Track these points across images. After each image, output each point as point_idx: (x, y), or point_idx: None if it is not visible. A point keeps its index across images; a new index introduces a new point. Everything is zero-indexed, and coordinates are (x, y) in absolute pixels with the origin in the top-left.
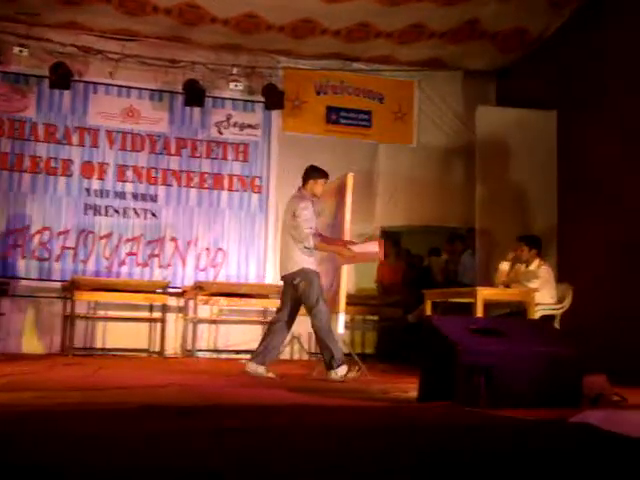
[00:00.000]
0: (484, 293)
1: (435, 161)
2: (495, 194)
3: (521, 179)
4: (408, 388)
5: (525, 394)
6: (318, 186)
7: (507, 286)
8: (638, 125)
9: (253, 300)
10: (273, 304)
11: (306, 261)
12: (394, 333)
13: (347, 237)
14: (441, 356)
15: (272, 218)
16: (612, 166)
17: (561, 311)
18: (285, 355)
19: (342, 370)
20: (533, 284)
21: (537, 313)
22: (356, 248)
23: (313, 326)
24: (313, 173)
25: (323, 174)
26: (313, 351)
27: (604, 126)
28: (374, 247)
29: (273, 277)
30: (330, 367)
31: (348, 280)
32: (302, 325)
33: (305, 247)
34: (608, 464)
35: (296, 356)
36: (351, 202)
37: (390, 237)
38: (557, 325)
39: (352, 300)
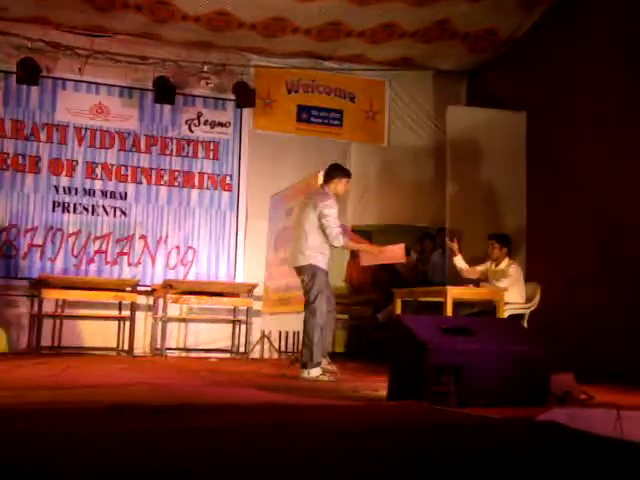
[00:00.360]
0: (453, 292)
1: (406, 160)
2: (465, 193)
3: (491, 179)
4: (378, 387)
5: (494, 392)
6: (341, 185)
7: (477, 285)
8: (607, 126)
9: (223, 299)
10: (243, 303)
11: (316, 258)
12: (364, 332)
13: None
14: (411, 355)
15: (242, 216)
16: (581, 167)
17: (530, 310)
18: (255, 354)
19: (315, 372)
20: (502, 283)
21: (506, 312)
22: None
23: (305, 321)
24: (337, 172)
25: (346, 173)
26: (283, 349)
27: (573, 127)
28: (399, 249)
29: (243, 275)
30: (304, 366)
31: None
32: (272, 323)
33: (334, 245)
34: (574, 462)
35: (266, 355)
36: None
37: (360, 236)
38: (526, 324)
39: None
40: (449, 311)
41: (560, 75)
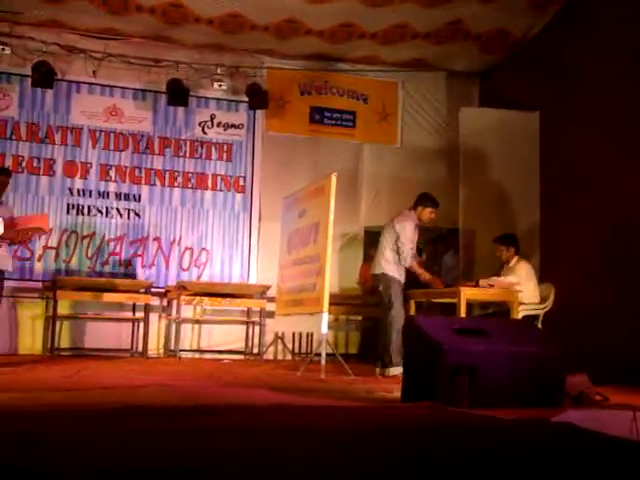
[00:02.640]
0: (467, 293)
1: (419, 161)
2: (478, 194)
3: (504, 179)
4: (392, 388)
5: (508, 393)
6: (425, 213)
7: (491, 285)
8: (621, 125)
9: (237, 300)
10: (257, 304)
11: (389, 269)
12: (378, 332)
13: (329, 238)
14: (424, 356)
15: (256, 218)
16: (595, 166)
17: (544, 311)
18: (268, 355)
19: (399, 370)
20: (511, 278)
21: (520, 313)
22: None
23: (386, 324)
24: (425, 201)
25: (434, 204)
26: (297, 351)
27: (587, 126)
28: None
29: (257, 277)
30: (387, 365)
31: (331, 280)
32: (285, 324)
33: (401, 263)
34: (590, 464)
35: (280, 356)
36: (334, 203)
37: (373, 238)
38: (540, 325)
39: (335, 300)
40: (463, 312)
41: (573, 75)
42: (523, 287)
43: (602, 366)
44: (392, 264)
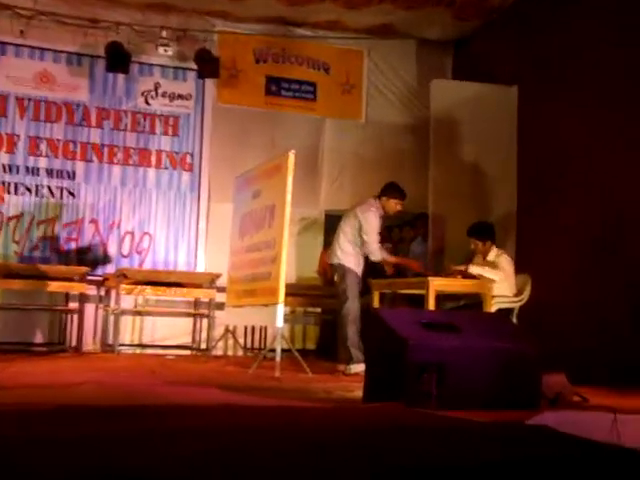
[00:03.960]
0: (436, 284)
1: (385, 139)
2: (450, 176)
3: (479, 160)
4: (353, 387)
5: (480, 394)
6: (390, 205)
7: (464, 276)
8: (605, 101)
9: (183, 290)
10: (205, 294)
11: (346, 259)
12: (337, 327)
13: (286, 222)
14: (389, 352)
15: (204, 199)
16: (577, 146)
17: (519, 304)
18: (217, 350)
19: (360, 367)
20: (495, 275)
21: (494, 306)
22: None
23: (341, 317)
24: (391, 192)
25: (401, 195)
26: (249, 346)
27: (569, 103)
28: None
29: (205, 264)
30: (348, 362)
31: (288, 268)
32: (237, 317)
33: (371, 258)
34: (566, 469)
35: (230, 352)
36: (292, 183)
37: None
38: (515, 319)
39: (292, 290)
40: (431, 305)
41: (555, 46)
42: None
43: (582, 365)
44: (349, 255)
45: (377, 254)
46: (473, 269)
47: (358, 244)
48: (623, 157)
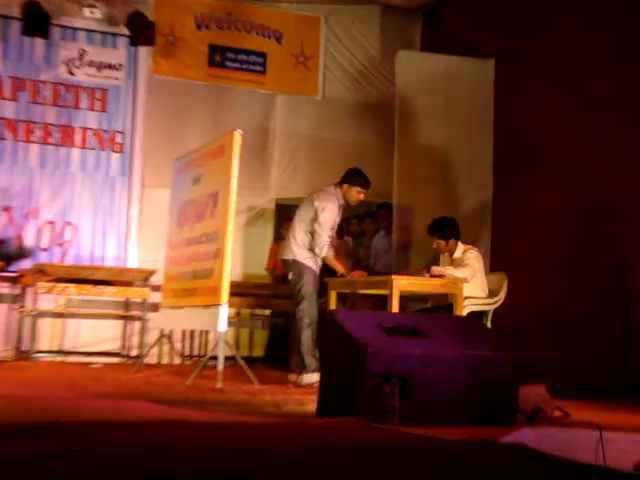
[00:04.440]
0: (400, 283)
1: (344, 118)
2: (418, 160)
3: (450, 142)
4: (305, 400)
5: (449, 408)
6: (352, 193)
7: (431, 275)
8: (589, 80)
9: (112, 289)
10: (137, 294)
11: (302, 254)
12: (289, 331)
13: (231, 212)
14: (346, 360)
15: (137, 184)
16: (559, 128)
17: (494, 306)
18: (151, 358)
19: (314, 377)
20: (461, 273)
21: (465, 309)
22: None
23: (295, 321)
24: (353, 178)
25: (364, 183)
26: (187, 353)
27: (550, 79)
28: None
29: (138, 259)
30: (301, 371)
31: (233, 264)
32: (174, 319)
33: (314, 251)
34: None
35: (165, 359)
36: (238, 167)
37: (286, 213)
38: (489, 324)
39: (238, 290)
40: (395, 306)
41: (537, 15)
42: (469, 280)
43: (563, 376)
44: (305, 249)
45: (324, 249)
46: (435, 271)
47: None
48: (609, 139)
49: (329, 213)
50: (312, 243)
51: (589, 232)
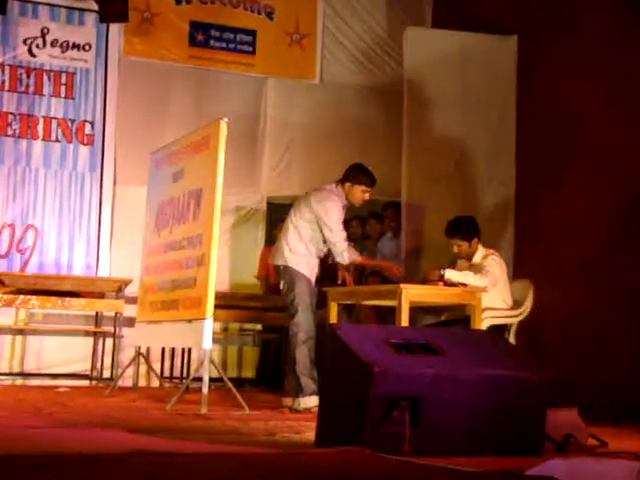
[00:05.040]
0: (411, 293)
1: (345, 104)
2: (430, 152)
3: (467, 132)
4: (303, 427)
5: (467, 436)
6: (356, 193)
7: (445, 284)
8: (628, 56)
9: (80, 301)
10: (110, 307)
11: (295, 260)
12: (284, 349)
13: (217, 212)
14: (349, 381)
15: (109, 181)
16: (594, 114)
17: (518, 319)
18: (126, 380)
19: (312, 401)
20: (480, 281)
21: (485, 322)
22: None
23: (289, 337)
24: (358, 175)
25: (369, 181)
26: (167, 375)
27: (583, 58)
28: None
29: (110, 268)
30: (297, 394)
31: (219, 272)
32: (152, 336)
33: (336, 260)
34: None
35: (142, 382)
36: (225, 162)
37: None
38: (512, 339)
39: (225, 301)
40: (405, 320)
41: None
42: (490, 289)
43: (599, 398)
44: (299, 255)
45: (344, 255)
46: (450, 274)
47: (313, 242)
48: None
49: (334, 213)
50: (312, 247)
51: (629, 234)
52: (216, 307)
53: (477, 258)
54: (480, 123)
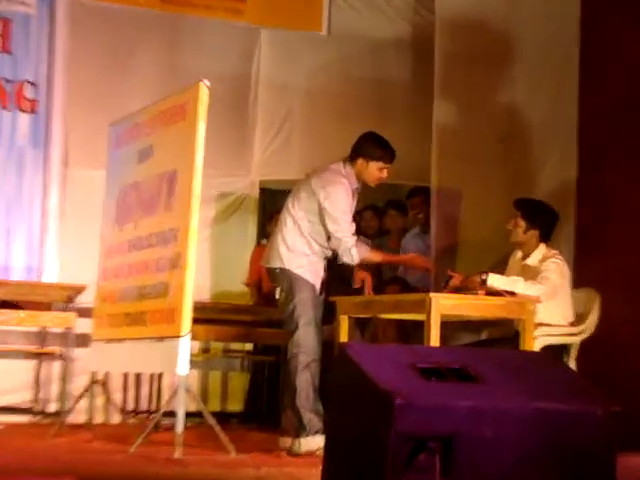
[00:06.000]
0: (442, 304)
1: (360, 64)
2: (467, 126)
3: (516, 101)
4: (304, 475)
5: None
6: (371, 171)
7: (488, 292)
8: None
9: (20, 313)
10: (58, 321)
11: (294, 262)
12: (280, 375)
13: (196, 199)
14: (364, 416)
15: (56, 160)
16: None
17: (580, 338)
18: (78, 415)
19: (317, 441)
20: (534, 289)
21: (538, 341)
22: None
23: (287, 359)
24: (371, 148)
25: (387, 155)
26: (132, 408)
27: None
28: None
29: (59, 270)
30: (297, 433)
31: (198, 277)
32: (112, 359)
33: (343, 259)
34: None
35: (99, 417)
36: (205, 136)
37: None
38: (573, 363)
39: (205, 314)
40: (435, 338)
41: None
42: (545, 300)
43: None
44: (300, 255)
45: (352, 253)
46: (494, 280)
47: (316, 238)
48: None
49: (341, 200)
50: (316, 243)
51: None
52: (194, 322)
53: (534, 259)
54: (533, 91)
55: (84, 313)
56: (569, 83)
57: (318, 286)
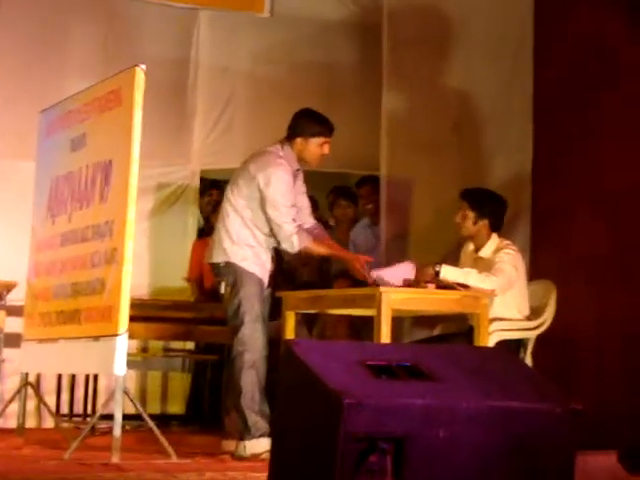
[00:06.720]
0: (394, 299)
1: (305, 47)
2: (418, 112)
3: (468, 84)
4: (250, 479)
5: None
6: (311, 148)
7: (439, 285)
8: None
9: None
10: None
11: (239, 254)
12: (224, 375)
13: (132, 190)
14: (312, 417)
15: None
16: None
17: (536, 332)
18: (9, 419)
19: (262, 444)
20: (488, 282)
21: (493, 336)
22: (383, 273)
23: (231, 358)
24: (307, 124)
25: (325, 129)
26: (66, 411)
27: None
28: (406, 272)
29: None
30: (242, 436)
31: (136, 273)
32: (44, 359)
33: (282, 246)
34: None
35: (31, 421)
36: (142, 122)
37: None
38: (529, 359)
39: (143, 312)
40: (386, 334)
41: None
42: (500, 293)
43: None
44: (244, 246)
45: (292, 240)
46: (447, 272)
47: (261, 227)
48: None
49: (280, 184)
50: (260, 233)
51: None
52: (132, 319)
53: (487, 251)
54: (486, 73)
55: (14, 311)
56: (523, 67)
57: (266, 280)
